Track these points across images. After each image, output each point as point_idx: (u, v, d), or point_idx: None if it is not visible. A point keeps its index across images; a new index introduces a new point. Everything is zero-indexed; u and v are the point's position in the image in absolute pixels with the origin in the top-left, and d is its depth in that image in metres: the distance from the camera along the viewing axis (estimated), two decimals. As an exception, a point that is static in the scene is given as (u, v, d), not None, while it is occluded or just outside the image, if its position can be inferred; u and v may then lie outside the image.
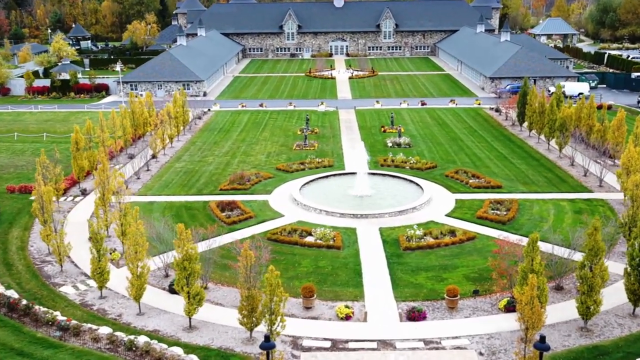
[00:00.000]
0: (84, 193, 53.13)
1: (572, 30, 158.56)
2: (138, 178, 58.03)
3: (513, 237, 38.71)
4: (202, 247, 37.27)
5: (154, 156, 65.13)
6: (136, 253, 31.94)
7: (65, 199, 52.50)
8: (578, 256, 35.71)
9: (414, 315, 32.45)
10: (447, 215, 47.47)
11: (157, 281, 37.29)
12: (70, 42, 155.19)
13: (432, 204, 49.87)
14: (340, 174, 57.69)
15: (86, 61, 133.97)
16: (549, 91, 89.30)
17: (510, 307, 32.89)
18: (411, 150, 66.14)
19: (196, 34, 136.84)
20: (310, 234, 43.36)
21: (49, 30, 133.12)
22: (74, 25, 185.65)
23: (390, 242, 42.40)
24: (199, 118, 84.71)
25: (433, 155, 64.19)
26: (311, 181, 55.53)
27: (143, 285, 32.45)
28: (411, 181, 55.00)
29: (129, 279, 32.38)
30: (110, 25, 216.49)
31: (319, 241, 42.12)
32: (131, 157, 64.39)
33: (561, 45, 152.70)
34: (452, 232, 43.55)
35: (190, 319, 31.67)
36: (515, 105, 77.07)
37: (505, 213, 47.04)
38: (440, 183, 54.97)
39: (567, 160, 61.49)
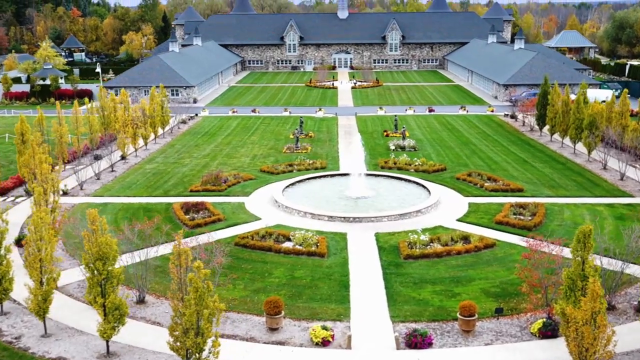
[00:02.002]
0: (29, 193, 44.98)
1: (589, 43, 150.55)
2: (98, 179, 49.97)
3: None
4: (150, 252, 28.95)
5: (123, 157, 57.17)
6: (39, 251, 23.61)
7: (5, 200, 44.44)
8: (632, 269, 27.30)
9: (416, 341, 23.79)
10: (459, 220, 38.92)
11: (84, 294, 28.83)
12: (64, 54, 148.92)
13: (441, 207, 41.36)
14: (331, 175, 49.35)
15: (76, 71, 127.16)
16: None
17: (546, 332, 24.21)
18: (417, 153, 57.79)
19: (192, 44, 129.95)
20: (288, 239, 34.93)
21: (44, 44, 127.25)
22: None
23: (387, 249, 33.85)
24: (184, 122, 76.90)
25: (442, 159, 55.82)
26: (298, 182, 47.26)
27: (49, 297, 24.03)
28: (416, 183, 46.58)
29: (30, 288, 23.97)
30: (110, 42, 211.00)
31: (298, 247, 33.64)
32: (98, 158, 56.31)
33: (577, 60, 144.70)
34: (466, 238, 34.97)
35: (107, 342, 23.14)
36: (533, 110, 68.83)
37: (530, 218, 38.47)
38: (451, 186, 46.52)
39: (597, 164, 52.95)
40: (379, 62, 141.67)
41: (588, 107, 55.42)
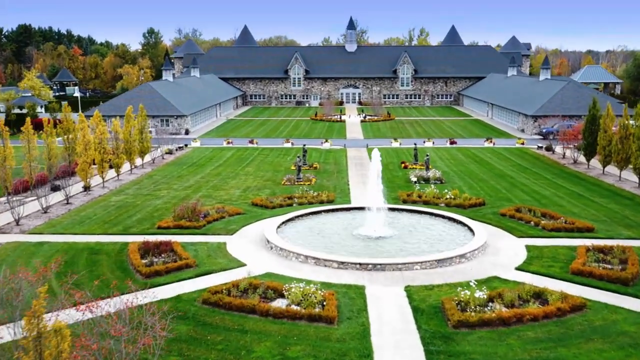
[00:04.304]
0: (-54, 228, 34.49)
1: (615, 79, 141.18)
2: (44, 212, 39.45)
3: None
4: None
5: (86, 188, 46.86)
6: None
7: None
8: None
9: None
10: (519, 268, 28.06)
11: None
12: (55, 87, 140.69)
13: (490, 251, 30.55)
14: (341, 209, 38.74)
15: (64, 103, 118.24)
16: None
17: None
18: (444, 185, 47.29)
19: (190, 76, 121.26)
20: (281, 295, 24.09)
21: (29, 74, 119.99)
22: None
23: (427, 311, 22.92)
24: (170, 153, 66.85)
25: (476, 192, 45.25)
26: (299, 217, 36.60)
27: None
28: (451, 219, 35.88)
29: None
30: (110, 79, 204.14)
31: (294, 307, 22.75)
32: (56, 188, 45.99)
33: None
34: (539, 295, 24.07)
35: None
36: (576, 141, 58.68)
37: (620, 267, 27.59)
38: (496, 224, 35.78)
39: (674, 200, 42.29)
40: (389, 98, 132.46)
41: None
